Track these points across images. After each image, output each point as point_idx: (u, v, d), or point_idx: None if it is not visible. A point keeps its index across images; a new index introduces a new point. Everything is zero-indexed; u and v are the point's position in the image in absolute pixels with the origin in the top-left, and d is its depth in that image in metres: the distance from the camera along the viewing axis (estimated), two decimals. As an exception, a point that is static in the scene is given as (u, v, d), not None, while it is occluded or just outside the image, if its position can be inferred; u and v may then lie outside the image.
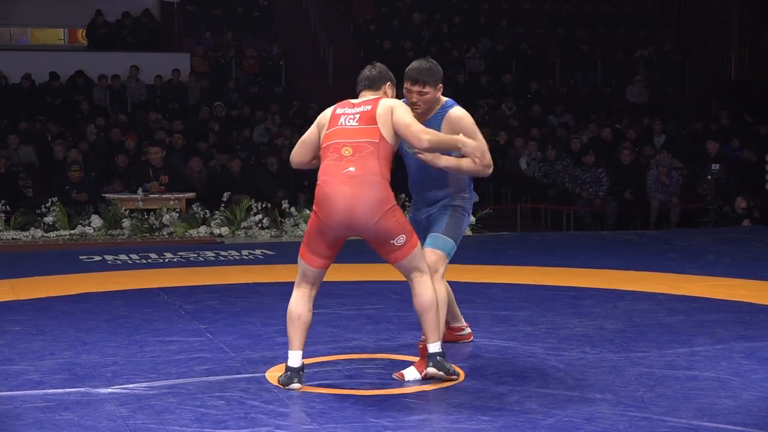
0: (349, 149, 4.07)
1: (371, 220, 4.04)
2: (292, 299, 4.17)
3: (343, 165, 4.05)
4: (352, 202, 4.01)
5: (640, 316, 5.60)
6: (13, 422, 3.66)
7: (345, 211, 4.02)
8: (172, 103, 14.80)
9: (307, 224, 4.24)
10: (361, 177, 4.03)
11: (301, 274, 4.19)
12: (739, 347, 4.82)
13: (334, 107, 4.25)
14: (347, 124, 4.13)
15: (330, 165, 4.08)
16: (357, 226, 4.06)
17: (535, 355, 4.69)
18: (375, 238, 4.11)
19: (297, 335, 4.14)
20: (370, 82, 4.30)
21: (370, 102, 4.19)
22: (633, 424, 3.63)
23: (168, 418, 3.71)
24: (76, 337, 5.12)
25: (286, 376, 4.13)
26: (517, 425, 3.63)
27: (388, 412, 3.79)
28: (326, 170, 4.09)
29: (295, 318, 4.14)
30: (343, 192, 4.02)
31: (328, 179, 4.06)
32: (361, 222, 4.04)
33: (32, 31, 18.53)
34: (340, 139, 4.10)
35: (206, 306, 5.97)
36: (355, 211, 4.02)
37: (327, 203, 4.05)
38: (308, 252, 4.15)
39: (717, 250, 8.40)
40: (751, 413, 3.78)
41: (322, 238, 4.11)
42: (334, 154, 4.09)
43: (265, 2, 17.44)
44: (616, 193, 12.05)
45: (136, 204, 10.09)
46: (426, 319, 4.14)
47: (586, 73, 17.13)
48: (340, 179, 4.04)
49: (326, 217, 4.06)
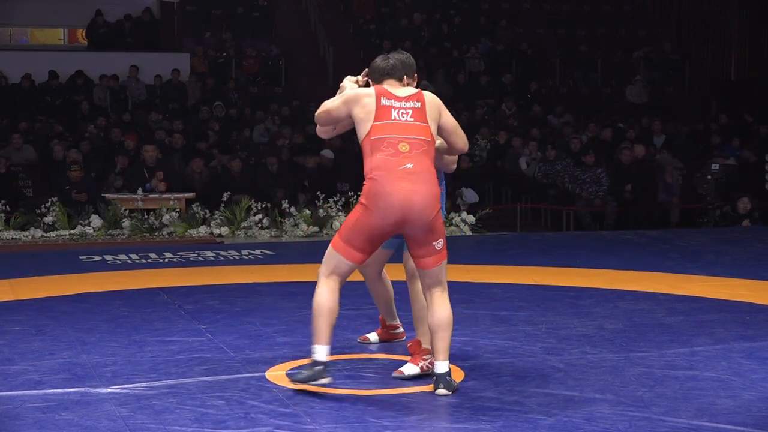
0: (405, 145, 4.04)
1: (428, 217, 4.02)
2: (322, 292, 4.05)
3: (401, 161, 4.02)
4: (413, 197, 3.98)
5: (640, 316, 5.61)
6: (12, 422, 3.67)
7: (404, 206, 3.98)
8: (172, 103, 14.82)
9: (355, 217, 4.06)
10: (419, 174, 4.02)
11: (333, 266, 4.07)
12: (739, 347, 4.84)
13: (375, 95, 4.13)
14: (401, 119, 4.09)
15: (386, 160, 4.03)
16: (413, 221, 4.01)
17: (534, 355, 4.70)
18: (423, 236, 4.06)
19: (327, 329, 4.01)
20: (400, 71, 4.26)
21: (416, 96, 4.17)
22: (633, 424, 3.64)
23: (168, 418, 3.72)
24: (76, 337, 5.13)
25: (316, 370, 3.99)
26: (516, 425, 3.63)
27: (387, 412, 3.80)
28: (382, 165, 4.02)
29: (327, 312, 4.02)
30: (403, 188, 3.98)
31: (385, 174, 4.00)
32: (417, 218, 4.00)
33: (32, 31, 18.56)
34: (396, 134, 4.06)
35: (206, 306, 5.98)
36: (414, 207, 3.99)
37: (385, 198, 3.98)
38: (347, 245, 4.04)
39: (717, 250, 8.42)
40: (751, 413, 3.79)
41: (369, 232, 4.02)
42: (389, 149, 4.04)
43: (265, 2, 17.46)
44: (616, 193, 12.06)
45: (136, 204, 10.11)
46: (442, 336, 4.10)
47: (586, 73, 17.14)
48: (398, 175, 4.00)
49: (383, 213, 3.99)
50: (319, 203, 10.16)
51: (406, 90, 4.21)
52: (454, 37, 17.24)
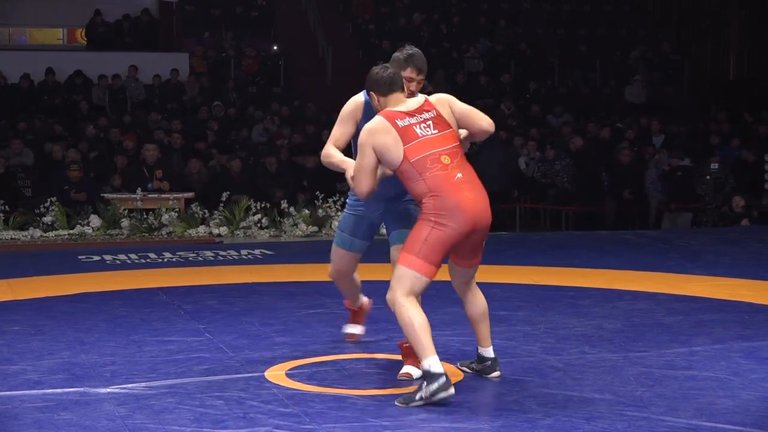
0: (446, 157, 4.09)
1: (490, 219, 4.15)
2: (411, 311, 4.00)
3: (451, 173, 4.07)
4: (478, 206, 4.07)
5: (639, 316, 5.63)
6: (11, 422, 3.68)
7: (475, 216, 4.05)
8: (171, 103, 14.84)
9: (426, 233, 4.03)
10: (470, 182, 4.11)
11: (410, 285, 4.04)
12: (738, 347, 4.85)
13: (387, 121, 4.10)
14: (427, 134, 4.12)
15: (439, 176, 4.05)
16: (481, 227, 4.10)
17: (534, 355, 4.72)
18: (482, 239, 4.18)
19: (430, 340, 3.96)
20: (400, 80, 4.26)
21: (426, 105, 4.20)
22: (632, 423, 3.65)
23: (167, 417, 3.73)
24: (75, 337, 5.14)
25: (441, 383, 3.88)
26: (515, 425, 3.64)
27: (387, 411, 3.81)
28: (439, 181, 4.04)
29: (423, 324, 3.97)
30: (468, 198, 4.05)
31: (446, 189, 4.03)
32: (485, 222, 4.11)
33: (31, 31, 18.60)
34: (433, 150, 4.08)
35: (205, 306, 6.00)
36: (482, 215, 4.08)
37: (456, 212, 4.01)
38: (425, 262, 4.03)
39: (716, 250, 8.44)
40: (750, 413, 3.79)
41: (445, 246, 4.05)
42: (436, 165, 4.06)
43: (264, 2, 17.48)
44: (615, 194, 12.08)
45: (135, 204, 10.12)
46: (483, 325, 4.31)
47: (586, 73, 17.16)
48: (458, 187, 4.05)
49: (459, 225, 4.01)
50: (318, 203, 10.17)
51: (411, 102, 4.21)
52: (453, 37, 17.25)
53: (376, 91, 4.23)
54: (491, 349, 4.32)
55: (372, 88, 4.25)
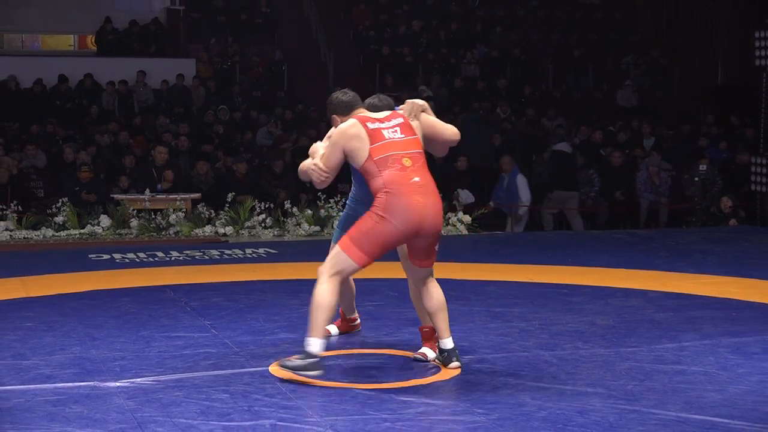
0: (408, 160, 4.29)
1: (439, 228, 4.32)
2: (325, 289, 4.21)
3: (408, 175, 4.27)
4: (427, 210, 4.24)
5: (631, 313, 5.68)
6: (24, 415, 3.74)
7: (420, 219, 4.23)
8: (178, 107, 14.97)
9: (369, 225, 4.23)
10: (426, 186, 4.29)
11: (341, 267, 4.24)
12: (726, 342, 4.91)
13: (359, 123, 4.33)
14: (394, 137, 4.33)
15: (396, 175, 4.25)
16: (426, 233, 4.28)
17: (528, 350, 4.77)
18: (432, 243, 4.34)
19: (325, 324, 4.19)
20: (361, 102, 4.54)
21: (394, 114, 4.44)
22: (623, 416, 3.71)
23: (174, 411, 3.79)
24: (86, 332, 5.18)
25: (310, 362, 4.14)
26: (511, 418, 3.71)
27: (387, 405, 3.87)
28: (395, 180, 4.24)
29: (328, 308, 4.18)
30: (418, 201, 4.23)
31: (400, 188, 4.23)
32: (430, 229, 4.27)
33: (43, 38, 18.69)
34: (396, 151, 4.30)
35: (211, 303, 6.02)
36: (428, 220, 4.25)
37: (402, 212, 4.20)
38: (359, 249, 4.22)
39: (705, 249, 8.47)
40: (738, 406, 3.86)
41: (384, 241, 4.23)
42: (396, 165, 4.27)
43: (267, 9, 17.59)
44: (608, 194, 12.20)
45: (144, 204, 10.19)
46: (443, 316, 4.40)
47: (578, 77, 17.30)
48: (411, 189, 4.24)
49: (400, 224, 4.20)
50: (321, 203, 10.28)
51: (381, 113, 4.47)
52: (450, 43, 17.37)
53: (338, 113, 4.49)
54: (449, 340, 4.41)
55: (334, 112, 4.51)
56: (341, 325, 5.18)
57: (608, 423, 3.65)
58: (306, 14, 18.15)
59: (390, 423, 3.65)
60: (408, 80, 15.97)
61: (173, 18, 17.55)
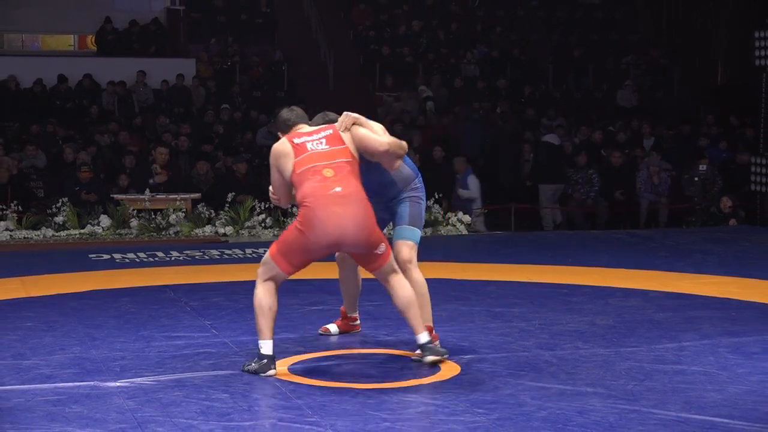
0: (330, 170, 4.28)
1: (364, 237, 4.27)
2: (261, 293, 4.34)
3: (329, 186, 4.25)
4: (345, 222, 4.22)
5: (630, 313, 5.69)
6: (25, 415, 3.74)
7: (337, 232, 4.22)
8: (178, 107, 14.99)
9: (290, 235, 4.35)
10: (348, 196, 4.25)
11: (271, 274, 4.36)
12: (726, 342, 4.91)
13: (286, 141, 4.42)
14: (318, 148, 4.34)
15: (315, 187, 4.25)
16: (348, 243, 4.28)
17: (528, 350, 4.78)
18: (364, 251, 4.33)
19: (269, 325, 4.33)
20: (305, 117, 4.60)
21: (326, 127, 4.47)
22: (623, 416, 3.71)
23: (174, 410, 3.79)
24: (86, 332, 5.19)
25: (263, 363, 4.30)
26: (511, 417, 3.71)
27: (386, 405, 3.88)
28: (312, 192, 4.25)
29: (267, 309, 4.32)
30: (335, 212, 4.21)
31: (317, 201, 4.23)
32: (352, 240, 4.26)
33: (43, 38, 18.73)
34: (318, 162, 4.30)
35: (211, 303, 6.04)
36: (347, 232, 4.24)
37: (318, 224, 4.22)
38: (283, 259, 4.32)
39: (705, 249, 8.48)
40: (737, 406, 3.87)
41: (304, 252, 4.31)
42: (316, 176, 4.27)
43: (267, 9, 17.62)
44: (607, 194, 12.22)
45: (144, 204, 10.20)
46: (413, 314, 4.38)
47: (578, 77, 17.32)
48: (329, 200, 4.22)
49: (317, 238, 4.24)
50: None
51: (315, 127, 4.50)
52: (450, 43, 17.39)
53: (281, 131, 4.56)
54: (422, 335, 4.40)
55: (278, 129, 4.60)
56: (341, 324, 5.18)
57: (608, 423, 3.65)
58: (306, 14, 18.18)
59: (390, 423, 3.65)
60: (408, 80, 16.00)
61: (173, 18, 17.60)
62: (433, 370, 4.41)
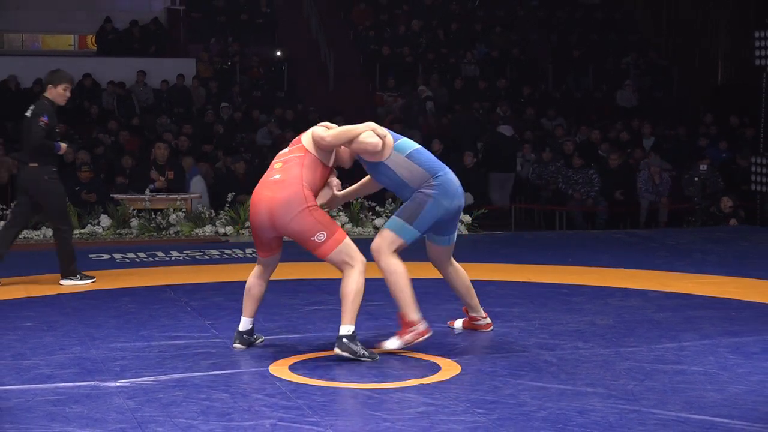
0: (279, 164, 4.66)
1: (286, 218, 4.52)
2: (252, 277, 4.81)
3: (270, 174, 4.67)
4: (270, 204, 4.53)
5: (630, 313, 5.70)
6: (25, 415, 3.74)
7: (265, 212, 4.55)
8: (178, 107, 15.00)
9: None
10: (281, 182, 4.56)
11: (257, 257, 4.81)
12: (726, 342, 4.92)
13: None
14: (283, 151, 4.76)
15: (263, 177, 4.68)
16: (276, 225, 4.55)
17: (528, 350, 4.78)
18: (295, 235, 4.57)
19: (248, 305, 4.79)
20: None
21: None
22: (623, 416, 3.72)
23: (174, 410, 3.79)
24: (86, 332, 5.20)
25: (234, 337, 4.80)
26: (511, 417, 3.71)
27: (386, 405, 3.88)
28: (259, 181, 4.67)
29: (246, 289, 4.79)
30: (264, 196, 4.56)
31: (257, 188, 4.62)
32: (278, 221, 4.54)
33: (43, 37, 18.75)
34: (276, 159, 4.76)
35: (211, 303, 6.06)
36: (271, 212, 4.54)
37: (252, 208, 4.59)
38: (256, 245, 4.79)
39: (704, 249, 8.50)
40: (737, 406, 3.87)
41: (255, 235, 4.71)
42: (270, 168, 4.70)
43: (268, 9, 17.64)
44: (607, 194, 12.23)
45: (144, 204, 10.22)
46: (345, 303, 4.54)
47: (578, 77, 17.33)
48: (264, 186, 4.59)
49: (252, 220, 4.63)
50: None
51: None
52: (450, 43, 17.40)
53: None
54: (344, 327, 4.51)
55: None
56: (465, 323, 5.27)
57: (608, 423, 3.65)
58: (306, 14, 18.21)
59: (390, 423, 3.66)
60: (408, 80, 16.01)
61: (173, 18, 17.63)
62: (434, 369, 4.41)
